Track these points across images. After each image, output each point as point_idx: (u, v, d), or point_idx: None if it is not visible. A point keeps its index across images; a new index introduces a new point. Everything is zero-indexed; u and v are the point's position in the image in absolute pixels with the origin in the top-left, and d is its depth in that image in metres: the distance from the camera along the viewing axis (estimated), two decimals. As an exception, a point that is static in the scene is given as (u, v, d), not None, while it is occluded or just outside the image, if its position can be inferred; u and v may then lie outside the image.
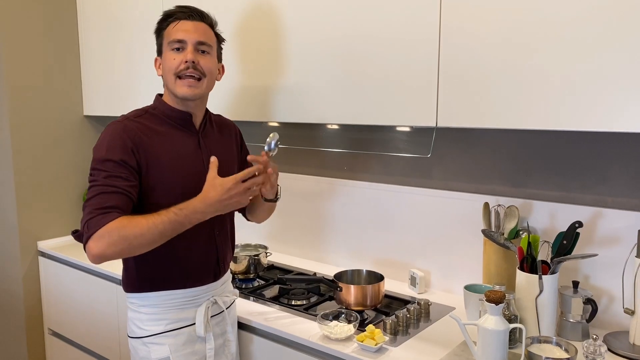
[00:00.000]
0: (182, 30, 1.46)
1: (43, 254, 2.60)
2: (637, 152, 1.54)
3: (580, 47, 1.26)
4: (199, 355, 1.55)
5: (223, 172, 1.55)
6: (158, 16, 1.54)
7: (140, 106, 1.57)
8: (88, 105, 2.73)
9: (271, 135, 1.49)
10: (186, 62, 1.45)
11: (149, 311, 1.50)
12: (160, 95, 1.56)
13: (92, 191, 1.36)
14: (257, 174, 1.42)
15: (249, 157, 1.45)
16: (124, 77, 2.47)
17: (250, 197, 1.43)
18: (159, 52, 1.54)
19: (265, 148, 1.47)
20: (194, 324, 1.53)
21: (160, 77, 1.53)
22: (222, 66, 1.62)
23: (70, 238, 2.69)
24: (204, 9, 1.55)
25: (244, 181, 1.37)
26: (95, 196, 1.34)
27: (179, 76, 1.46)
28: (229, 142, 1.66)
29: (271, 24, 1.87)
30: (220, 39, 1.59)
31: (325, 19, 1.72)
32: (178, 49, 1.47)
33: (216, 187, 1.36)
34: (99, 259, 1.32)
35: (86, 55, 2.68)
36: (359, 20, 1.64)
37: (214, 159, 1.40)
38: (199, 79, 1.48)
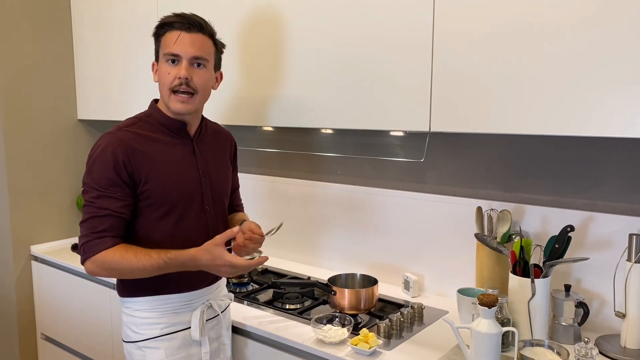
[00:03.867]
0: (179, 43, 1.43)
1: (36, 259, 2.59)
2: (628, 156, 1.55)
3: (573, 54, 1.28)
4: (194, 359, 1.55)
5: (217, 180, 1.57)
6: (153, 19, 1.54)
7: (134, 110, 1.57)
8: (82, 109, 2.72)
9: (280, 225, 1.62)
10: (179, 78, 1.43)
11: (144, 315, 1.50)
12: (156, 100, 1.55)
13: (86, 211, 1.41)
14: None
15: (249, 228, 1.52)
16: (118, 81, 2.47)
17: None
18: (156, 58, 1.52)
19: (266, 232, 1.56)
20: (189, 327, 1.53)
21: (157, 82, 1.51)
22: (221, 74, 1.60)
23: (64, 242, 2.69)
24: (204, 15, 1.54)
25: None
26: (89, 219, 1.40)
27: (172, 90, 1.45)
28: (223, 150, 1.66)
29: (267, 31, 1.87)
30: (219, 48, 1.56)
31: (320, 27, 1.73)
32: (173, 61, 1.45)
33: (211, 254, 1.39)
34: (91, 274, 1.45)
35: (80, 59, 2.68)
36: (354, 27, 1.65)
37: (237, 229, 1.42)
38: (192, 95, 1.46)
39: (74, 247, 1.49)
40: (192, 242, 1.49)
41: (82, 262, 1.42)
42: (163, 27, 1.48)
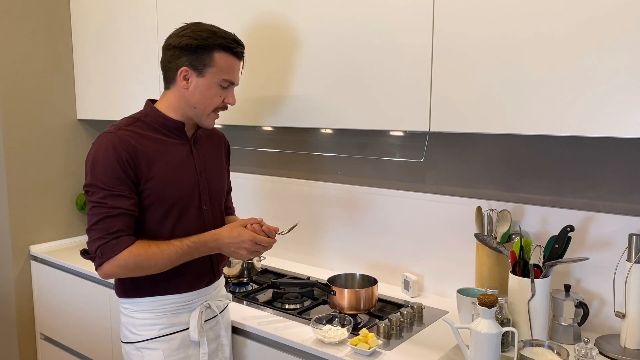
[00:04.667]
0: (236, 70, 1.50)
1: (35, 258, 2.59)
2: (628, 156, 1.55)
3: (574, 54, 1.28)
4: (193, 360, 1.55)
5: (214, 180, 1.58)
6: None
7: (133, 110, 1.57)
8: (81, 109, 2.72)
9: (295, 225, 1.63)
10: (228, 103, 1.51)
11: (143, 316, 1.50)
12: (151, 101, 1.55)
13: (96, 213, 1.38)
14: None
15: (264, 227, 1.50)
16: (117, 81, 2.47)
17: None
18: (195, 68, 1.44)
19: (281, 230, 1.57)
20: (188, 328, 1.53)
21: (185, 89, 1.47)
22: None
23: (63, 242, 2.69)
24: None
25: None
26: (102, 220, 1.37)
27: (215, 111, 1.51)
28: (218, 151, 1.67)
29: (267, 31, 1.87)
30: None
31: (320, 27, 1.73)
32: (225, 87, 1.49)
33: (233, 231, 1.46)
34: (109, 277, 1.42)
35: (80, 58, 2.68)
36: (354, 26, 1.65)
37: (260, 219, 1.51)
38: None
39: (84, 253, 1.45)
40: None
41: (99, 265, 1.39)
42: (223, 47, 1.45)
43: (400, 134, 1.96)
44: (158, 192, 1.44)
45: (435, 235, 1.92)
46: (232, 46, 1.46)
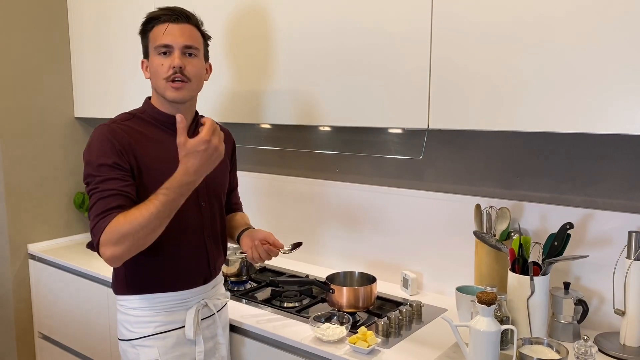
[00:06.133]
0: (169, 34, 1.44)
1: (33, 257, 2.58)
2: (627, 153, 1.55)
3: (571, 49, 1.27)
4: (188, 358, 1.54)
5: (213, 176, 1.55)
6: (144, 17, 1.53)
7: (131, 108, 1.56)
8: (79, 107, 2.71)
9: (299, 245, 1.63)
10: (173, 67, 1.43)
11: (139, 314, 1.49)
12: (149, 98, 1.55)
13: (91, 200, 1.38)
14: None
15: (271, 240, 1.55)
16: (115, 79, 2.46)
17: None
18: (145, 54, 1.52)
19: (285, 248, 1.58)
20: (184, 326, 1.52)
21: (149, 79, 1.52)
22: (210, 65, 1.60)
23: (61, 241, 2.69)
24: (194, 10, 1.54)
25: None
26: (95, 203, 1.36)
27: (167, 80, 1.45)
28: None
29: (263, 26, 1.86)
30: (206, 39, 1.57)
31: (317, 22, 1.72)
32: (165, 53, 1.45)
33: (191, 152, 1.28)
34: (114, 260, 1.32)
35: (77, 56, 2.67)
36: (351, 23, 1.64)
37: (180, 118, 1.28)
38: (186, 82, 1.46)
39: (89, 245, 1.44)
40: (187, 239, 1.49)
41: (97, 247, 1.33)
42: (150, 22, 1.48)
43: (399, 131, 1.96)
44: (151, 187, 1.42)
45: (434, 233, 1.91)
46: (157, 15, 1.46)
